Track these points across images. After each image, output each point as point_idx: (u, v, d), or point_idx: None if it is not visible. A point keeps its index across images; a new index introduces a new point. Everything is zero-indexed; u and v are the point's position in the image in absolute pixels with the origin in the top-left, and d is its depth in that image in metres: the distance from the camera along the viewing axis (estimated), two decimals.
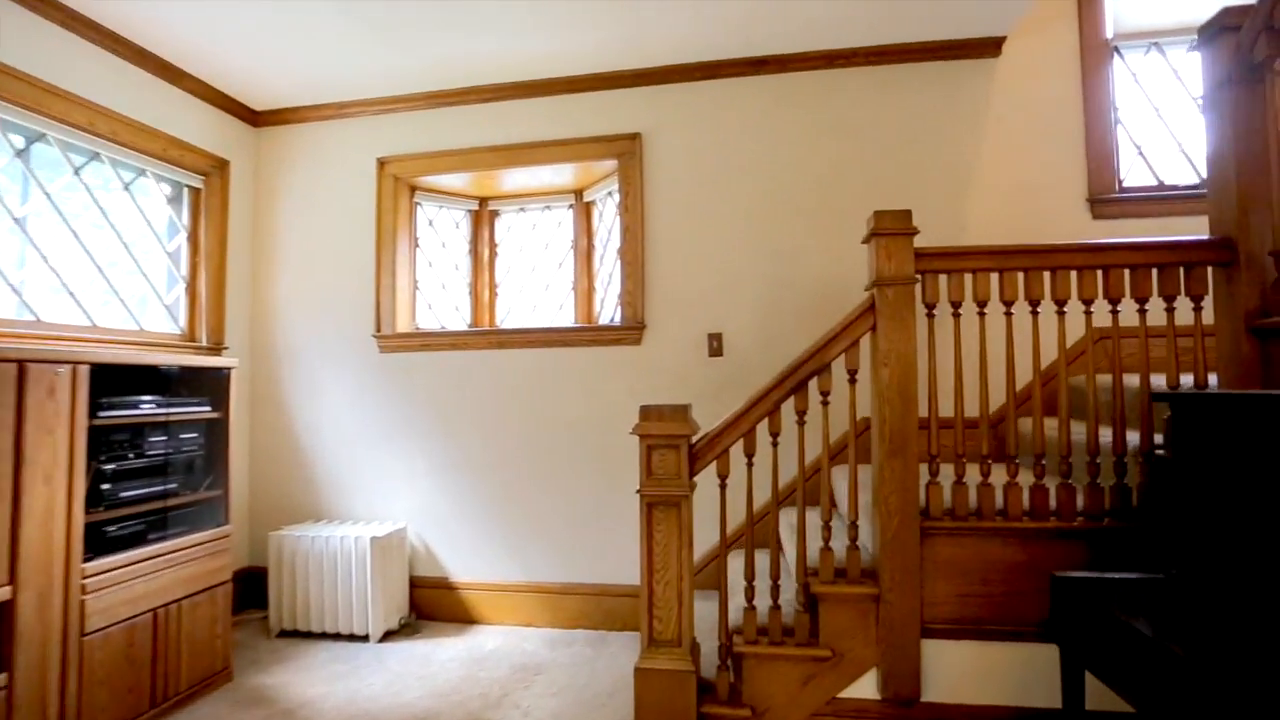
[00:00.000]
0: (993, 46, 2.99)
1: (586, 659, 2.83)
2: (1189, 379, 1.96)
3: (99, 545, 2.17)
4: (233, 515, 2.71)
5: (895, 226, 1.98)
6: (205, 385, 2.67)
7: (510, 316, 3.76)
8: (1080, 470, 1.97)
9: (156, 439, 2.45)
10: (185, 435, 2.59)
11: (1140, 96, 2.99)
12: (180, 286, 3.28)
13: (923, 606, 1.97)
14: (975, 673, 1.97)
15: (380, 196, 3.47)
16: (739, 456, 2.11)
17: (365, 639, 3.00)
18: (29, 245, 2.60)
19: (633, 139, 3.27)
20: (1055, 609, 1.64)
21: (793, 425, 2.12)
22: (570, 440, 3.27)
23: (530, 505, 3.28)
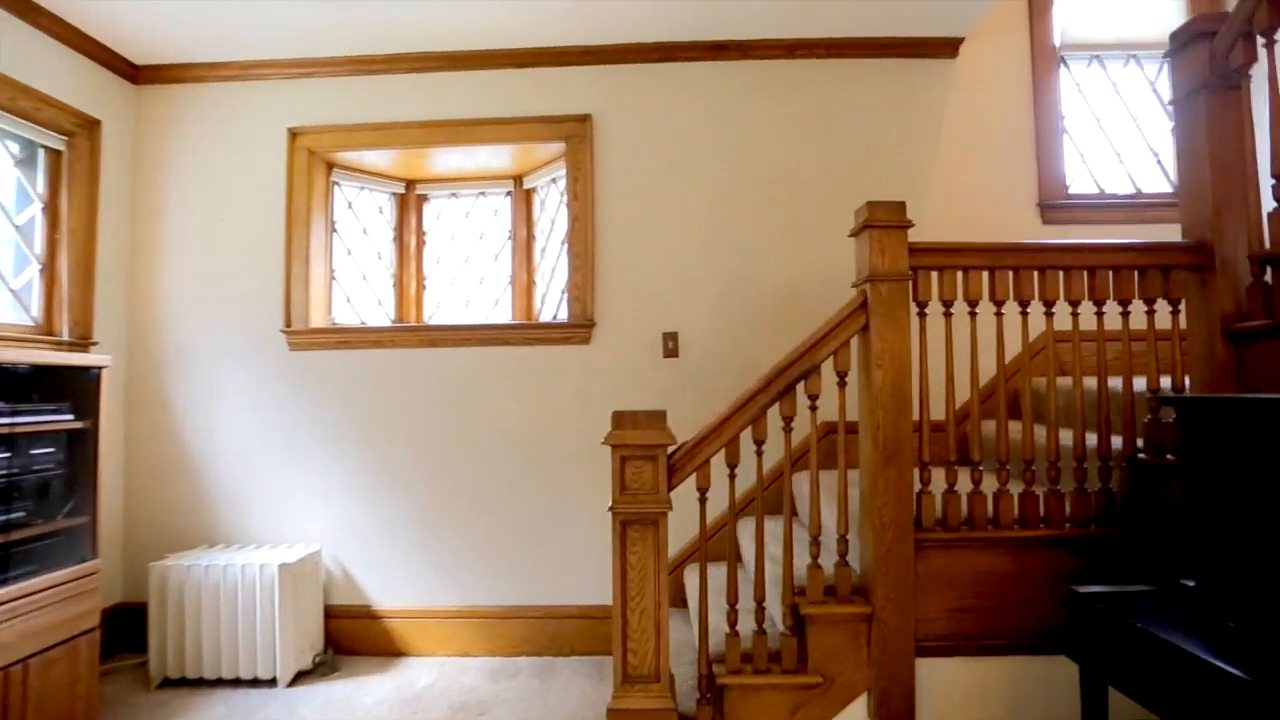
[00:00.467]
0: (950, 48, 2.98)
1: (535, 692, 2.55)
2: (1166, 381, 1.96)
3: None
4: (103, 546, 2.24)
5: (890, 219, 1.86)
6: (67, 388, 2.18)
7: (440, 312, 3.41)
8: (1067, 476, 1.92)
9: None
10: (39, 450, 2.10)
11: (1084, 106, 3.07)
12: (33, 268, 2.71)
13: (915, 624, 1.85)
14: (967, 691, 1.87)
15: (292, 173, 3.03)
16: (720, 467, 1.91)
17: (272, 683, 2.58)
18: None
19: (583, 120, 3.02)
20: (1074, 625, 1.55)
21: (778, 431, 1.95)
22: (512, 449, 2.97)
23: (466, 521, 2.96)
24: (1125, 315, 1.93)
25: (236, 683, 2.59)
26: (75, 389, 2.20)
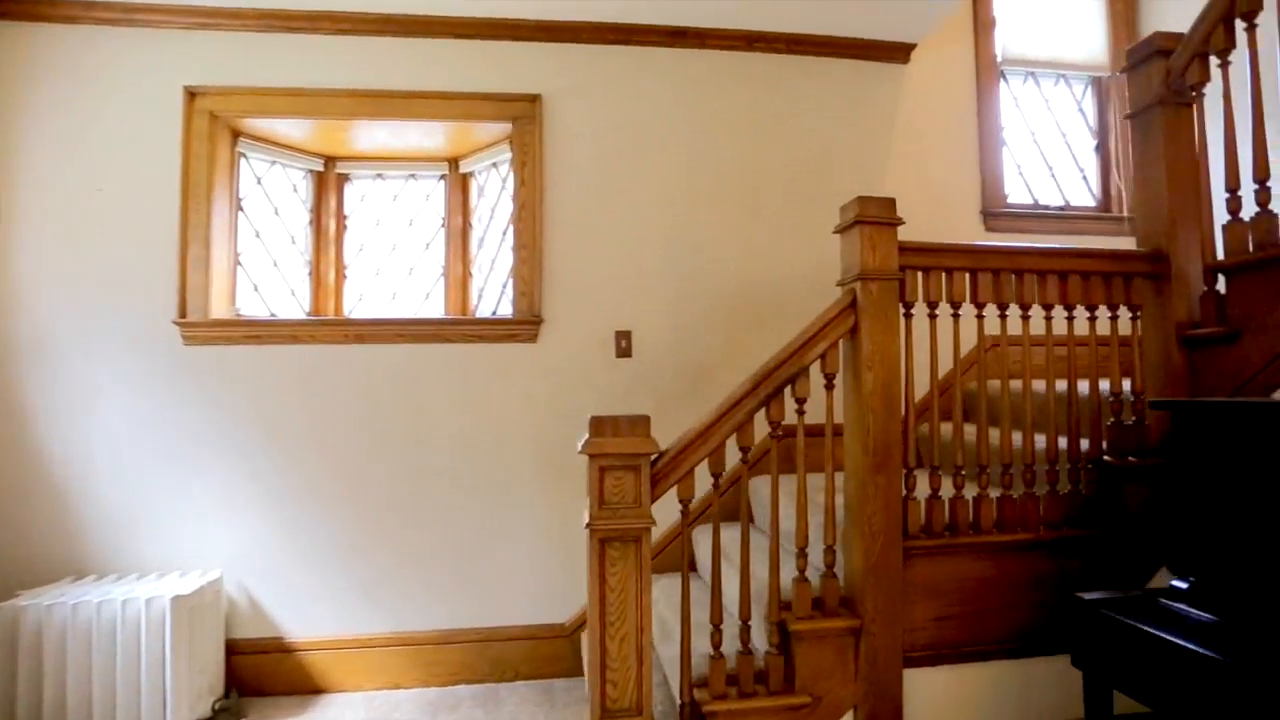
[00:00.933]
0: (902, 53, 3.00)
1: None
2: (1126, 385, 2.02)
3: None
4: None
5: (881, 215, 1.79)
6: None
7: (362, 305, 3.06)
8: (1040, 479, 1.94)
9: None
10: None
11: (1020, 120, 3.20)
12: None
13: (903, 635, 1.80)
14: (952, 699, 1.84)
15: (189, 139, 2.60)
16: (704, 476, 1.77)
17: None
18: None
19: (532, 101, 2.80)
20: (1077, 631, 1.54)
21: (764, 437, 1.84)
22: (449, 457, 2.70)
23: (397, 538, 2.65)
24: (1092, 320, 1.97)
25: None
26: None
